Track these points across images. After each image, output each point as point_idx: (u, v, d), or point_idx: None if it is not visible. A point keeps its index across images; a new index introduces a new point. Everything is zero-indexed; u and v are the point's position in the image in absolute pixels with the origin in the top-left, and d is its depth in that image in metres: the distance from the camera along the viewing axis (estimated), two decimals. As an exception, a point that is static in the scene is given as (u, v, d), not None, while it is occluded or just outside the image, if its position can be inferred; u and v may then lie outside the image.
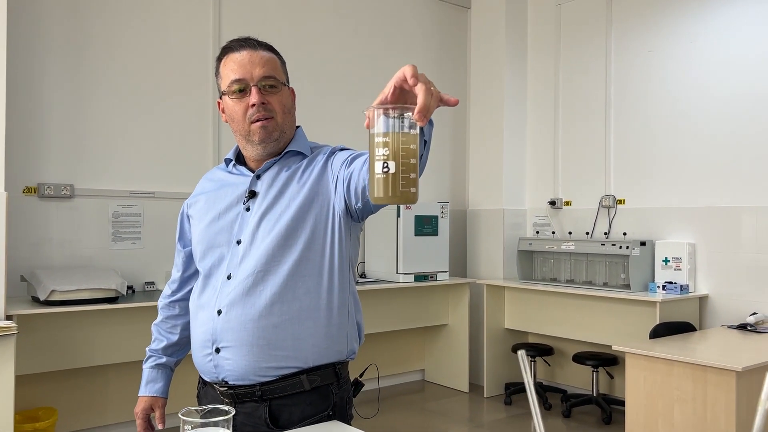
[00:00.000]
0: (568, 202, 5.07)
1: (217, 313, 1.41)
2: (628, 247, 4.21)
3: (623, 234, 4.56)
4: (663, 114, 4.47)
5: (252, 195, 1.45)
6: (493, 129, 5.30)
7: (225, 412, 1.02)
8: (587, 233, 4.82)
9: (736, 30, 4.11)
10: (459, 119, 5.53)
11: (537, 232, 5.18)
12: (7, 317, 2.97)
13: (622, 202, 4.69)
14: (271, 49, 1.47)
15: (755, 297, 3.96)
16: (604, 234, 4.73)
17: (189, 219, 1.59)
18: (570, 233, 4.93)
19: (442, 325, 5.11)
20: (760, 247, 3.96)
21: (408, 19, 5.27)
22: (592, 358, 4.35)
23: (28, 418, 3.30)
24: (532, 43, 5.34)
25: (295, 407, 1.40)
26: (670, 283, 4.09)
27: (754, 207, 3.99)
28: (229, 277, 1.42)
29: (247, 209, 1.45)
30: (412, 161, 0.90)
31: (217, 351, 1.41)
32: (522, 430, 4.24)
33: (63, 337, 3.27)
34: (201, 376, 1.51)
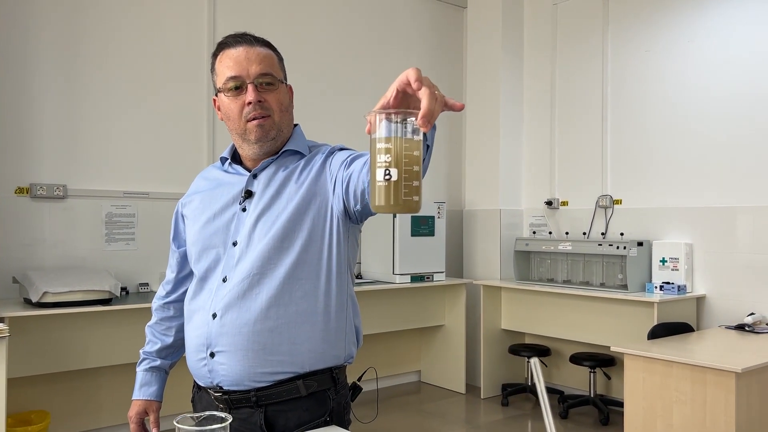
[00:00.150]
0: (564, 202, 5.05)
1: (212, 316, 1.38)
2: (625, 247, 4.20)
3: (620, 234, 4.54)
4: (660, 114, 4.46)
5: (248, 195, 1.42)
6: (490, 129, 5.27)
7: (221, 419, 0.99)
8: (584, 233, 4.81)
9: (734, 30, 4.10)
10: (455, 119, 5.50)
11: (534, 233, 5.17)
12: (-1, 319, 2.93)
13: (618, 202, 4.68)
14: (268, 45, 1.43)
15: (752, 297, 3.96)
16: (601, 234, 4.72)
17: (183, 219, 1.55)
18: (567, 233, 4.91)
19: (438, 326, 5.09)
20: (757, 247, 3.95)
21: (404, 19, 5.25)
22: (589, 359, 4.34)
23: (20, 421, 3.26)
24: (529, 43, 5.33)
25: (291, 413, 1.37)
26: (668, 283, 4.07)
27: (751, 207, 3.98)
28: (224, 279, 1.39)
29: (243, 210, 1.42)
30: (415, 168, 0.87)
31: (211, 355, 1.37)
32: (519, 431, 4.22)
33: (56, 339, 3.23)
34: (195, 380, 1.47)
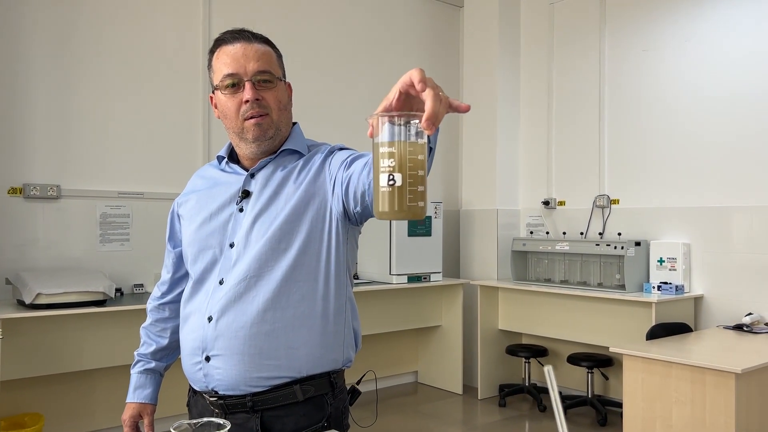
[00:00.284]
0: (561, 202, 5.04)
1: (208, 319, 1.35)
2: (623, 247, 4.18)
3: (618, 234, 4.53)
4: (657, 113, 4.45)
5: (245, 195, 1.39)
6: (486, 128, 5.26)
7: (220, 426, 0.96)
8: (581, 233, 4.79)
9: (731, 30, 4.09)
10: (452, 118, 5.48)
11: (531, 233, 5.15)
12: (-8, 321, 2.90)
13: (616, 202, 4.67)
14: (266, 42, 1.40)
15: (750, 297, 3.95)
16: (599, 234, 4.70)
17: (179, 218, 1.52)
18: (564, 233, 4.90)
19: (435, 327, 5.07)
20: (754, 247, 3.94)
21: (400, 18, 5.23)
22: (586, 360, 4.32)
23: (13, 424, 3.22)
24: (525, 42, 5.31)
25: (288, 419, 1.34)
26: (665, 283, 4.06)
27: (748, 207, 3.97)
28: (221, 282, 1.36)
29: (241, 210, 1.38)
30: (419, 173, 0.84)
31: (207, 359, 1.35)
32: (517, 432, 4.21)
33: (49, 341, 3.19)
34: (190, 384, 1.45)
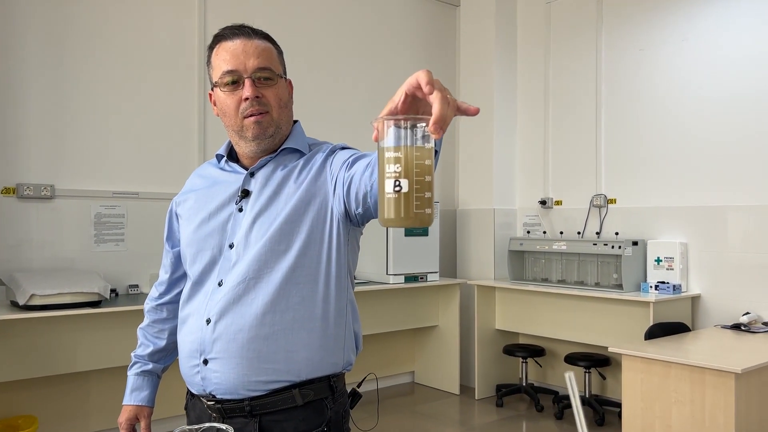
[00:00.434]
0: (558, 202, 5.03)
1: (206, 322, 1.32)
2: (620, 246, 4.17)
3: (615, 234, 4.52)
4: (654, 112, 4.44)
5: (245, 194, 1.36)
6: (483, 128, 5.24)
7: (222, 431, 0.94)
8: (578, 233, 4.79)
9: (728, 29, 4.08)
10: (448, 118, 5.46)
11: (528, 232, 5.14)
12: (-15, 323, 2.87)
13: (613, 201, 4.66)
14: (267, 38, 1.37)
15: (747, 296, 3.95)
16: (596, 234, 4.70)
17: (178, 218, 1.49)
18: (561, 233, 4.89)
19: (432, 327, 5.05)
20: (751, 246, 3.94)
21: (397, 16, 5.21)
22: (584, 359, 4.31)
23: (7, 426, 3.19)
24: (522, 42, 5.30)
25: (287, 423, 1.32)
26: (663, 282, 4.05)
27: (745, 206, 3.97)
28: (220, 283, 1.33)
29: (240, 210, 1.36)
30: (426, 178, 0.81)
31: (205, 362, 1.32)
32: (514, 432, 4.20)
33: (43, 342, 3.16)
34: (188, 387, 1.42)
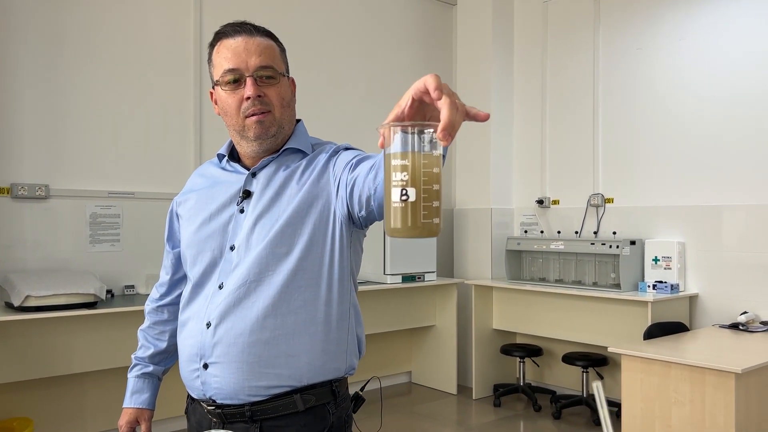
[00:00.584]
0: (555, 201, 5.02)
1: (207, 325, 1.30)
2: (618, 246, 4.17)
3: (613, 233, 4.52)
4: (651, 112, 4.44)
5: (246, 195, 1.34)
6: (480, 127, 5.22)
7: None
8: (576, 232, 4.78)
9: (726, 29, 4.08)
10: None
11: (525, 232, 5.13)
12: (-21, 324, 2.83)
13: (610, 200, 4.65)
14: (269, 35, 1.34)
15: (744, 295, 3.95)
16: (593, 233, 4.69)
17: (178, 218, 1.47)
18: (558, 232, 4.88)
19: (429, 326, 5.03)
20: (748, 245, 3.94)
21: (394, 15, 5.19)
22: (582, 359, 4.31)
23: (2, 429, 3.16)
24: (519, 40, 5.29)
25: (288, 429, 1.29)
26: (661, 282, 4.05)
27: (743, 205, 3.97)
28: (221, 286, 1.31)
29: (241, 211, 1.33)
30: (434, 187, 0.78)
31: (205, 367, 1.30)
32: (512, 432, 4.19)
33: (39, 344, 3.13)
34: (188, 391, 1.40)
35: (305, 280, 1.28)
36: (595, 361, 4.28)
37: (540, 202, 5.05)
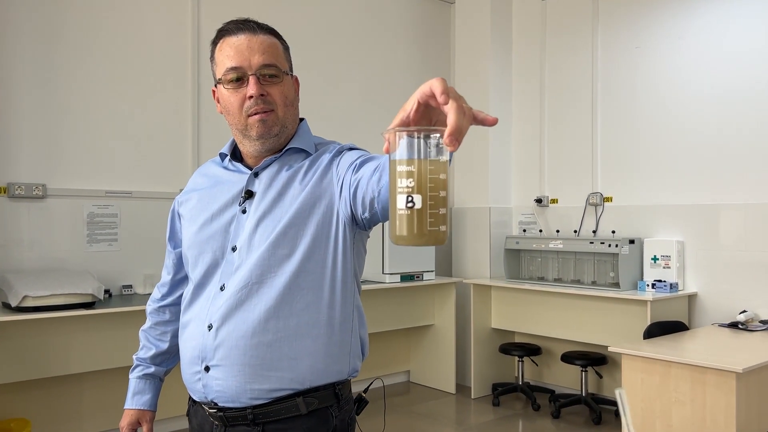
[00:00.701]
0: (554, 200, 5.02)
1: (208, 327, 1.29)
2: (617, 245, 4.17)
3: (611, 232, 4.51)
4: (650, 111, 4.43)
5: (249, 195, 1.32)
6: (478, 126, 5.20)
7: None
8: (575, 231, 4.78)
9: (725, 28, 4.08)
10: (443, 116, 5.44)
11: (524, 231, 5.12)
12: (-24, 325, 2.81)
13: (609, 199, 4.65)
14: (273, 33, 1.32)
15: (743, 294, 3.95)
16: (592, 232, 4.69)
17: (180, 218, 1.45)
18: (557, 231, 4.88)
19: (428, 326, 5.03)
20: (747, 244, 3.94)
21: (392, 14, 5.17)
22: (580, 358, 4.30)
23: (0, 429, 3.14)
24: (517, 39, 5.28)
25: None
26: (660, 281, 4.05)
27: (742, 204, 3.97)
28: (222, 287, 1.30)
29: (243, 211, 1.31)
30: (441, 194, 0.76)
31: (206, 369, 1.29)
32: (511, 431, 4.18)
33: (36, 344, 3.11)
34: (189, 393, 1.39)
35: (308, 282, 1.27)
36: (593, 360, 4.28)
37: (539, 201, 5.05)
